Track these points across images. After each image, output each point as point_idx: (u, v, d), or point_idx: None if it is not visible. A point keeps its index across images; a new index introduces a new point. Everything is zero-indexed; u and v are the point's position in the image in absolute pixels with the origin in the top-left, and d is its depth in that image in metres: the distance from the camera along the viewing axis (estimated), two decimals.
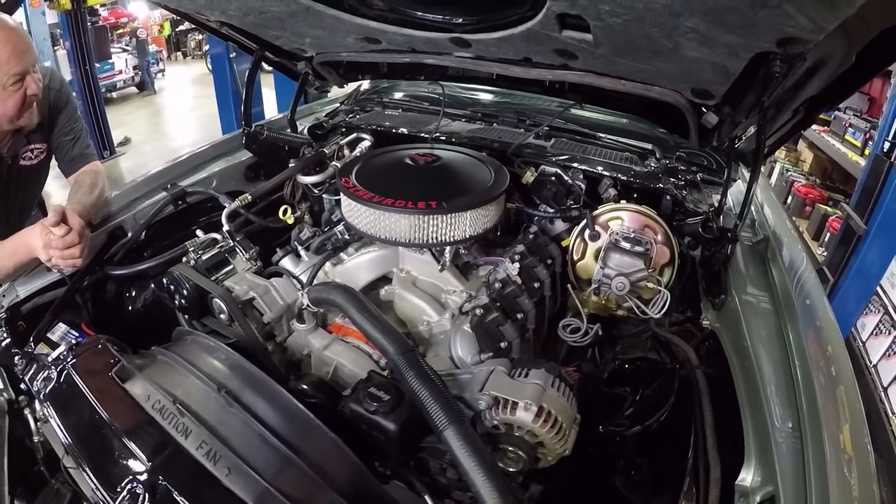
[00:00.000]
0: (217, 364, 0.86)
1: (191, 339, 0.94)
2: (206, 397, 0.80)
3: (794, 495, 0.69)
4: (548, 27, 0.89)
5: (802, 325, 1.00)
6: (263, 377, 0.82)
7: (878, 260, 2.41)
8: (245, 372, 0.83)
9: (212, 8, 1.23)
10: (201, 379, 0.82)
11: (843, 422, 0.81)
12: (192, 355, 0.89)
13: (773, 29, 0.59)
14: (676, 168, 1.61)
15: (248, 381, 0.82)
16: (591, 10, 0.74)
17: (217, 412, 0.77)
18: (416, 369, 0.77)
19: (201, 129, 6.65)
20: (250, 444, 0.74)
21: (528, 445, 0.81)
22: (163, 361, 0.90)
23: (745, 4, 0.55)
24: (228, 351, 0.87)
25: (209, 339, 0.92)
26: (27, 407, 0.97)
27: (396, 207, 1.07)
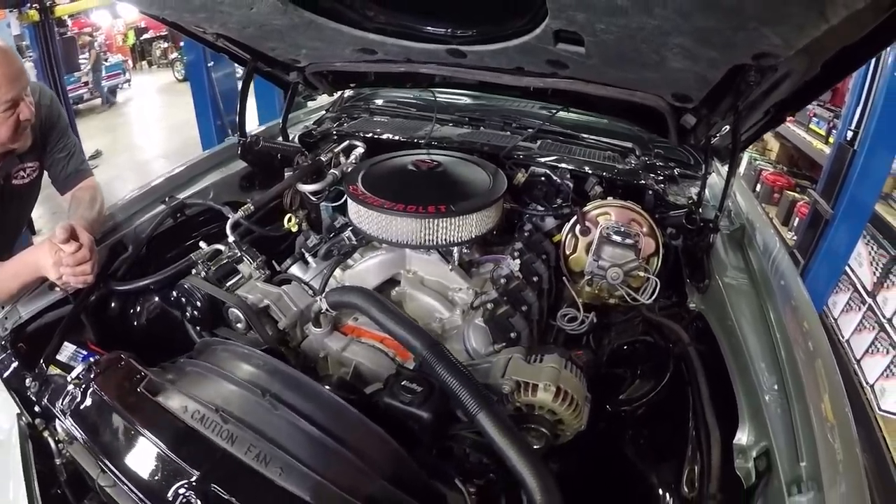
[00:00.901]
0: (255, 370, 0.88)
1: (220, 348, 0.96)
2: (247, 403, 0.82)
3: (786, 447, 0.82)
4: (544, 41, 0.99)
5: (780, 303, 1.13)
6: (305, 378, 0.85)
7: (844, 241, 2.64)
8: (286, 375, 0.86)
9: (212, 21, 1.26)
10: (241, 385, 0.84)
11: (823, 392, 0.93)
12: (227, 363, 0.91)
13: (750, 46, 0.71)
14: (655, 164, 1.74)
15: (290, 384, 0.84)
16: (587, 28, 0.84)
17: (261, 416, 0.79)
18: (445, 361, 0.85)
19: (172, 139, 6.60)
20: (298, 442, 0.77)
21: (548, 423, 0.91)
22: (194, 372, 0.92)
23: (728, 27, 0.66)
24: (265, 356, 0.89)
25: (242, 347, 0.94)
26: (45, 430, 0.97)
27: (408, 212, 1.15)
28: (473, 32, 1.14)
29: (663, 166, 1.75)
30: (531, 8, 0.93)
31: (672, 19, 0.68)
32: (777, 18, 0.60)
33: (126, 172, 5.53)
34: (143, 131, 7.55)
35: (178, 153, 5.87)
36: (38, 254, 1.16)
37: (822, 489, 0.73)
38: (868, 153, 2.39)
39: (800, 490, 0.75)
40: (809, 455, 0.79)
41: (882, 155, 2.41)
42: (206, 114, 3.30)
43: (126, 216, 1.48)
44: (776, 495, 0.77)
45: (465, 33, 1.16)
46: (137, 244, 1.40)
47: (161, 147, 6.45)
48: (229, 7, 1.12)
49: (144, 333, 1.40)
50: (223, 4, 1.11)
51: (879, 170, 2.47)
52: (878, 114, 2.33)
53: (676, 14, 0.66)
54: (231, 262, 1.33)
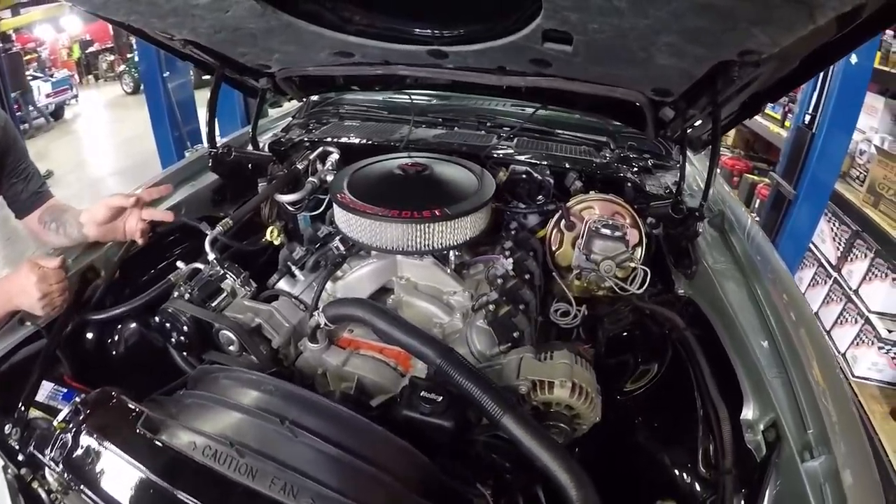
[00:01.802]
0: (267, 396, 0.85)
1: (223, 375, 0.93)
2: (264, 432, 0.79)
3: (792, 417, 0.90)
4: (531, 40, 1.03)
5: (765, 281, 1.23)
6: (323, 399, 0.84)
7: (807, 220, 2.86)
8: (303, 398, 0.84)
9: (182, 27, 1.23)
10: (254, 414, 0.81)
11: (811, 358, 1.03)
12: (232, 392, 0.88)
13: (738, 44, 0.78)
14: (629, 156, 1.84)
15: (308, 407, 0.82)
16: (579, 27, 0.89)
17: (281, 444, 0.77)
18: (461, 368, 0.88)
19: (125, 155, 6.54)
20: (326, 467, 0.75)
21: (566, 418, 0.95)
22: (196, 404, 0.88)
23: (718, 27, 0.72)
24: (276, 380, 0.87)
25: (248, 373, 0.91)
26: (34, 480, 0.92)
27: (403, 218, 1.17)
28: (457, 33, 1.17)
29: (637, 158, 1.85)
30: (520, 7, 0.97)
31: (665, 19, 0.74)
32: (767, 19, 0.67)
33: (81, 191, 5.42)
34: (95, 148, 7.47)
35: (133, 169, 5.80)
36: (14, 281, 1.12)
37: (832, 452, 0.81)
38: (826, 135, 2.61)
39: (812, 455, 0.83)
40: (815, 422, 0.87)
41: (839, 137, 2.63)
42: (163, 125, 3.20)
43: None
44: (789, 463, 0.85)
45: (448, 34, 1.18)
46: (110, 269, 1.35)
47: (115, 163, 6.37)
48: (202, 11, 1.11)
49: (125, 363, 1.35)
50: (196, 8, 1.09)
51: (837, 151, 2.70)
52: (834, 98, 2.54)
53: (670, 15, 0.72)
54: (214, 281, 1.30)
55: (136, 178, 5.43)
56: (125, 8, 1.13)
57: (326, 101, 2.22)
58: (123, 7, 1.13)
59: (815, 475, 0.81)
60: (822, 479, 0.80)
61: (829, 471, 0.80)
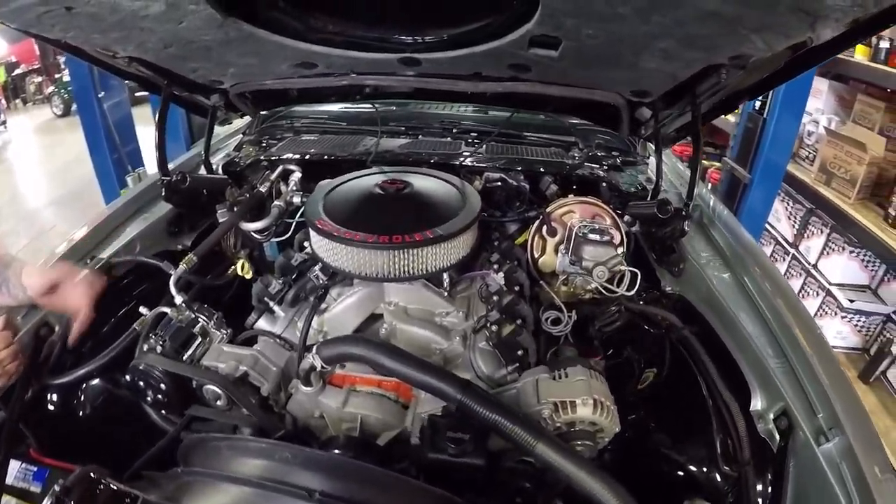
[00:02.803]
0: (283, 466, 0.80)
1: (225, 445, 0.86)
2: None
3: (800, 403, 0.97)
4: (516, 46, 1.04)
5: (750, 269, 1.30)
6: (350, 461, 0.81)
7: (762, 201, 3.10)
8: (326, 463, 0.80)
9: (127, 42, 1.18)
10: (273, 489, 0.76)
11: (794, 327, 1.11)
12: (240, 464, 0.83)
13: (733, 49, 0.83)
14: (598, 155, 1.90)
15: (334, 472, 0.78)
16: (571, 33, 0.91)
17: None
18: (485, 401, 0.87)
19: (60, 182, 6.29)
20: None
21: (590, 434, 0.97)
22: (199, 482, 0.82)
23: (718, 32, 0.76)
24: (292, 447, 0.82)
25: (255, 440, 0.87)
26: None
27: (393, 244, 1.14)
28: (433, 39, 1.16)
29: (606, 155, 1.92)
30: (506, 12, 0.98)
31: (667, 25, 0.77)
32: (770, 26, 0.71)
33: (17, 226, 5.10)
34: (28, 177, 7.17)
35: (71, 196, 5.54)
36: None
37: (844, 433, 0.88)
38: (778, 120, 2.82)
39: (827, 438, 0.89)
40: (824, 406, 0.94)
41: (789, 121, 2.86)
42: (101, 148, 3.00)
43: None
44: (805, 448, 0.92)
45: (423, 40, 1.17)
46: (65, 323, 1.24)
47: (51, 192, 6.07)
48: (152, 23, 1.06)
49: (93, 424, 1.26)
50: (145, 20, 1.04)
51: (788, 134, 2.94)
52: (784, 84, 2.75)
53: (674, 21, 0.75)
54: (185, 327, 1.21)
55: (74, 207, 5.15)
56: (62, 24, 1.07)
57: (278, 114, 2.15)
58: (60, 23, 1.06)
59: (832, 456, 0.88)
60: (839, 459, 0.87)
61: (845, 450, 0.87)
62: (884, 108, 2.91)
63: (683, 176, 2.00)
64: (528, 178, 1.73)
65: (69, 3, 0.97)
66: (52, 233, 4.63)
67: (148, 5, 0.98)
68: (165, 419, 1.22)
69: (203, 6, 0.99)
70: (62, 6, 0.98)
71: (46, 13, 1.01)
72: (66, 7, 0.99)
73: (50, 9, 1.00)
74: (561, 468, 0.80)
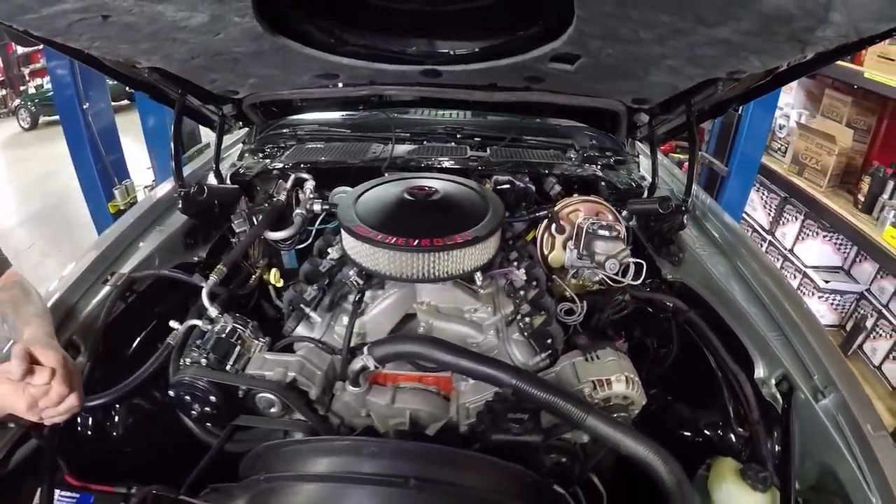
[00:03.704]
0: (374, 460, 0.89)
1: (306, 449, 0.94)
2: (389, 498, 0.84)
3: (797, 368, 1.17)
4: (538, 60, 1.19)
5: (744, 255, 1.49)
6: (434, 447, 0.92)
7: (739, 192, 3.39)
8: (414, 452, 0.91)
9: (153, 53, 1.21)
10: (369, 483, 0.85)
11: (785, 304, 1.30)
12: (325, 464, 0.91)
13: (732, 66, 1.00)
14: (593, 156, 2.09)
15: (423, 459, 0.89)
16: (593, 52, 1.07)
17: (407, 502, 0.83)
18: (537, 383, 1.02)
19: (32, 199, 6.10)
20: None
21: (624, 408, 1.14)
22: (283, 487, 0.89)
23: (722, 53, 0.93)
24: (378, 440, 0.94)
25: (340, 439, 0.97)
26: None
27: (435, 247, 1.27)
28: (457, 52, 1.28)
29: (600, 155, 2.10)
30: (533, 29, 1.11)
31: (679, 48, 0.94)
32: (767, 51, 0.89)
33: None
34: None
35: (46, 213, 5.39)
36: None
37: (838, 390, 1.07)
38: (751, 116, 3.09)
39: (824, 395, 1.09)
40: (818, 368, 1.14)
41: (763, 116, 3.15)
42: (86, 160, 2.98)
43: (67, 307, 1.33)
44: (806, 406, 1.11)
45: (447, 53, 1.29)
46: (92, 342, 1.28)
47: (23, 210, 5.89)
48: (188, 34, 1.09)
49: (127, 445, 1.30)
50: (181, 31, 1.07)
51: (762, 129, 3.22)
52: None
53: (686, 45, 0.91)
54: (225, 338, 1.27)
55: (52, 224, 5.02)
56: (92, 33, 1.07)
57: (278, 124, 2.23)
58: (90, 32, 1.07)
59: (829, 410, 1.08)
60: (835, 412, 1.06)
61: (840, 404, 1.07)
62: (850, 102, 3.24)
63: (672, 172, 2.21)
64: (533, 180, 1.90)
65: (107, 10, 0.97)
66: (32, 251, 4.47)
67: (191, 16, 1.01)
68: (209, 433, 1.27)
69: (247, 19, 1.03)
70: (100, 14, 0.98)
71: (80, 21, 1.01)
72: (103, 15, 0.99)
73: (85, 17, 0.99)
74: (609, 437, 0.96)
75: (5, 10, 0.94)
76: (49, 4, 0.92)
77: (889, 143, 3.24)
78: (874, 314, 3.06)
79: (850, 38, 0.75)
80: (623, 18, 0.84)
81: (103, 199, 3.12)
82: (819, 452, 1.07)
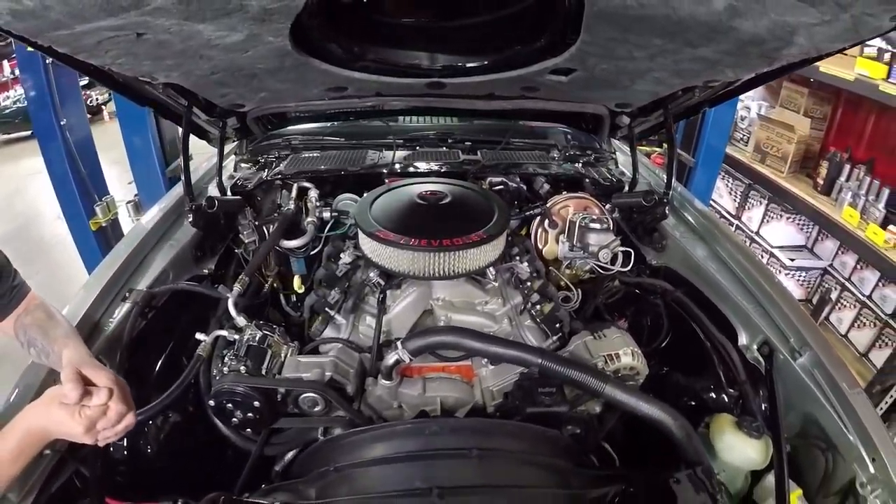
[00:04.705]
0: (436, 437, 1.04)
1: (370, 437, 1.08)
2: (454, 468, 0.98)
3: (775, 333, 1.39)
4: (538, 74, 1.36)
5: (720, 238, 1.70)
6: (485, 421, 1.10)
7: (705, 182, 3.69)
8: (471, 427, 1.08)
9: (176, 70, 1.26)
10: (436, 457, 1.00)
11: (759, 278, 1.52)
12: (393, 447, 1.05)
13: (709, 77, 1.19)
14: (575, 154, 2.28)
15: (479, 432, 1.06)
16: (589, 67, 1.24)
17: (472, 471, 0.98)
18: (561, 360, 1.19)
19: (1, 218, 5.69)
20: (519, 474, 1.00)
21: (632, 377, 1.34)
22: (358, 472, 1.02)
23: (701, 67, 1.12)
24: (436, 419, 1.10)
25: (402, 423, 1.11)
26: None
27: (455, 245, 1.43)
28: (462, 66, 1.43)
29: (581, 154, 2.30)
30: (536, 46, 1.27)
31: (666, 64, 1.12)
32: (740, 65, 1.08)
33: None
34: None
35: (16, 233, 5.14)
36: (45, 421, 0.98)
37: (812, 349, 1.29)
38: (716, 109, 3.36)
39: (800, 354, 1.31)
40: (792, 332, 1.36)
41: (726, 109, 3.44)
42: (65, 175, 2.93)
43: (90, 326, 1.38)
44: (786, 365, 1.33)
45: (453, 66, 1.44)
46: (119, 358, 1.33)
47: None
48: (217, 52, 1.13)
49: (159, 461, 1.35)
50: (212, 49, 1.11)
51: (726, 121, 3.51)
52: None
53: (672, 62, 1.10)
54: (256, 345, 1.36)
55: (23, 245, 4.80)
56: (119, 50, 1.08)
57: (269, 135, 2.29)
58: (117, 49, 1.07)
59: (806, 367, 1.30)
60: (811, 368, 1.28)
61: (815, 361, 1.29)
62: (807, 93, 3.61)
63: (648, 167, 2.42)
64: (523, 180, 2.08)
65: (144, 28, 0.97)
66: None
67: (227, 35, 1.04)
68: (246, 439, 1.36)
69: (280, 39, 1.09)
70: (135, 32, 0.98)
71: (111, 38, 1.01)
72: (138, 33, 0.99)
73: (119, 34, 0.99)
74: (625, 402, 1.14)
75: (37, 26, 0.93)
76: (85, 21, 0.91)
77: (843, 130, 3.63)
78: (838, 287, 3.40)
79: (810, 55, 0.95)
80: (622, 41, 1.02)
81: (84, 216, 3.10)
82: (801, 404, 1.29)
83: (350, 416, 1.30)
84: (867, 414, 1.15)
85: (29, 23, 0.91)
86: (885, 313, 3.10)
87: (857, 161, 3.34)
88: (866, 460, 1.11)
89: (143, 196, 3.26)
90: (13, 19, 0.88)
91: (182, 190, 1.86)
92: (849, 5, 0.76)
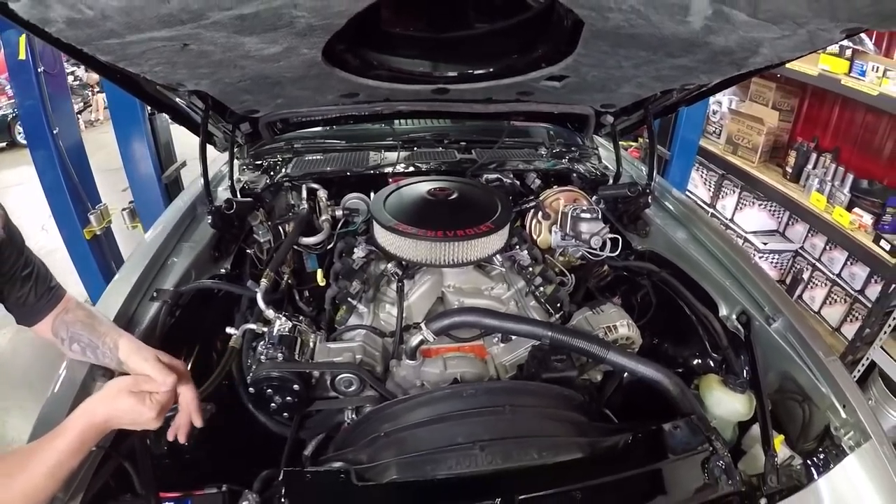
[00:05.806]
0: (474, 398, 1.21)
1: (415, 402, 1.23)
2: (490, 423, 1.15)
3: (751, 303, 1.62)
4: (534, 80, 1.56)
5: (698, 223, 1.93)
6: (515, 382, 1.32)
7: (682, 173, 3.96)
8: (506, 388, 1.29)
9: (207, 77, 1.32)
10: (475, 415, 1.17)
11: (735, 256, 1.75)
12: (436, 410, 1.21)
13: (685, 81, 1.41)
14: (561, 151, 2.50)
15: (509, 392, 1.25)
16: (582, 73, 1.44)
17: (508, 424, 1.15)
18: (568, 332, 1.39)
19: None
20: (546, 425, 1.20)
21: (628, 346, 1.56)
22: (407, 435, 1.17)
23: (680, 73, 1.33)
24: (471, 384, 1.29)
25: (441, 389, 1.27)
26: None
27: (468, 235, 1.62)
28: (467, 73, 1.60)
29: (566, 151, 2.52)
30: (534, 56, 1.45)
31: (650, 72, 1.33)
32: (713, 71, 1.29)
33: None
34: None
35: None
36: (110, 412, 1.03)
37: (784, 315, 1.52)
38: None
39: (774, 320, 1.54)
40: (766, 300, 1.60)
41: (699, 105, 3.69)
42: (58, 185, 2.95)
43: (121, 324, 1.42)
44: (762, 331, 1.56)
45: (459, 73, 1.61)
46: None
47: None
48: (252, 62, 1.19)
49: (195, 451, 1.42)
50: (247, 59, 1.16)
51: (699, 115, 3.78)
52: None
53: (656, 70, 1.31)
54: (288, 334, 1.50)
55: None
56: (159, 58, 1.11)
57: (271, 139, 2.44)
58: (158, 58, 1.10)
59: (780, 331, 1.53)
60: (784, 332, 1.52)
61: (788, 326, 1.52)
62: (775, 87, 3.93)
63: (628, 160, 2.66)
64: (516, 176, 2.29)
65: (192, 40, 1.00)
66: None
67: (267, 47, 1.09)
68: (280, 423, 1.49)
69: (314, 52, 1.17)
70: (182, 43, 1.02)
71: (157, 48, 1.03)
72: (184, 44, 1.02)
73: (166, 45, 1.02)
74: (626, 365, 1.34)
75: (89, 35, 0.94)
76: (139, 32, 0.93)
77: (810, 121, 3.98)
78: (809, 267, 3.72)
79: (773, 62, 1.17)
80: (613, 54, 1.22)
81: (78, 225, 3.14)
82: (777, 363, 1.51)
83: (381, 394, 1.46)
84: (835, 368, 1.37)
85: (82, 31, 0.92)
86: (854, 289, 3.41)
87: (823, 150, 3.65)
88: (838, 407, 1.31)
89: (138, 203, 3.33)
90: (67, 27, 0.90)
91: (191, 194, 2.04)
92: (805, 23, 0.93)
